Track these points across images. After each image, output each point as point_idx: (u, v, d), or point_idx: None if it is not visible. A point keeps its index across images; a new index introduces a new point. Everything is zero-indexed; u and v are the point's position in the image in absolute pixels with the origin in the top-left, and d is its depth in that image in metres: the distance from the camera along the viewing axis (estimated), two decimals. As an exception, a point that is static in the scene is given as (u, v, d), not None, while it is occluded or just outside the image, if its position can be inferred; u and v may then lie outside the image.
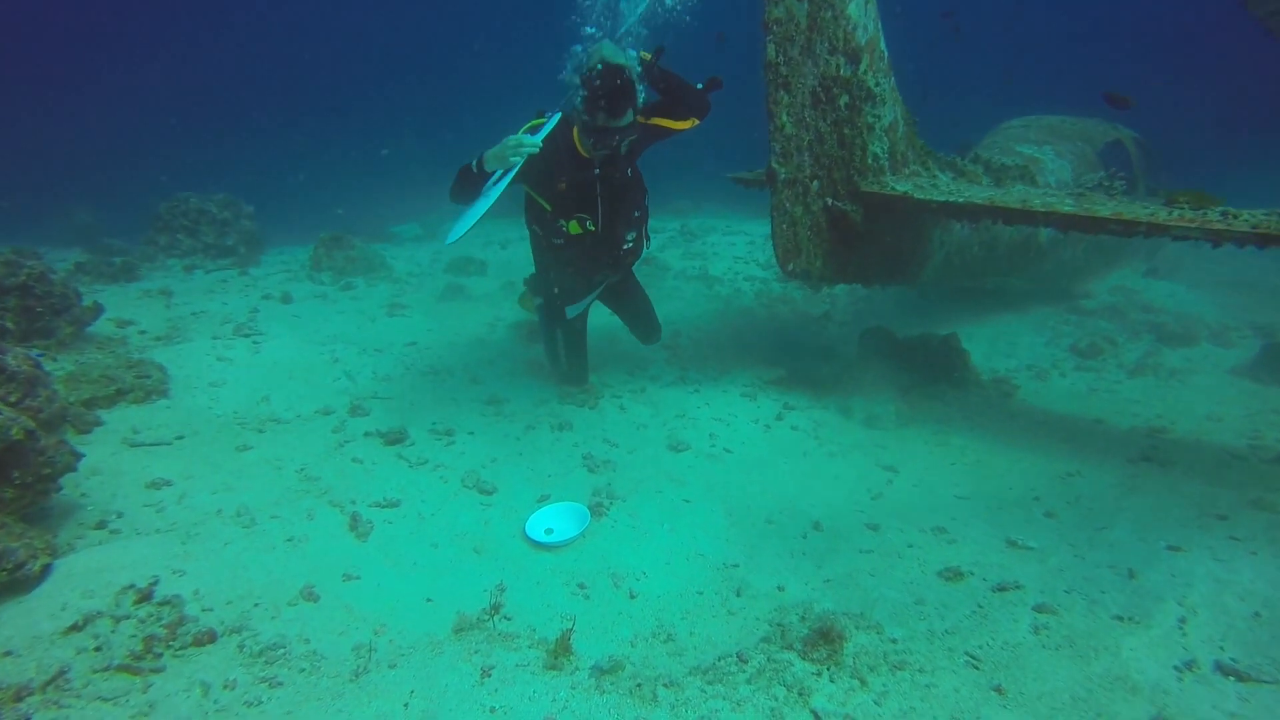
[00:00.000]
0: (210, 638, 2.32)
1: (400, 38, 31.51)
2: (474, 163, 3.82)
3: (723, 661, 2.48)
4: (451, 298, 7.18)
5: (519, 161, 3.65)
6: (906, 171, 5.18)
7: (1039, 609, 2.78)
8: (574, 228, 4.20)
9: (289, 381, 4.79)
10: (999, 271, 6.81)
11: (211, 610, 2.47)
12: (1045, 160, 7.20)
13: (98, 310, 5.09)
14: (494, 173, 3.78)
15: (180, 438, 3.85)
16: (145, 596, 2.38)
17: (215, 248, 8.61)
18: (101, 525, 2.92)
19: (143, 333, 5.44)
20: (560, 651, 2.46)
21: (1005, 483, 4.06)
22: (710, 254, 9.27)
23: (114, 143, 16.96)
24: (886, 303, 7.73)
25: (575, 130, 4.02)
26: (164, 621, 2.28)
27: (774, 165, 4.39)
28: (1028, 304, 7.76)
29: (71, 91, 22.29)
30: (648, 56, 4.03)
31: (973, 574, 3.09)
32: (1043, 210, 4.19)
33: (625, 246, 4.40)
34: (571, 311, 4.74)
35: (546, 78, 4.12)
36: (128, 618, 2.28)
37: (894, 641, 2.58)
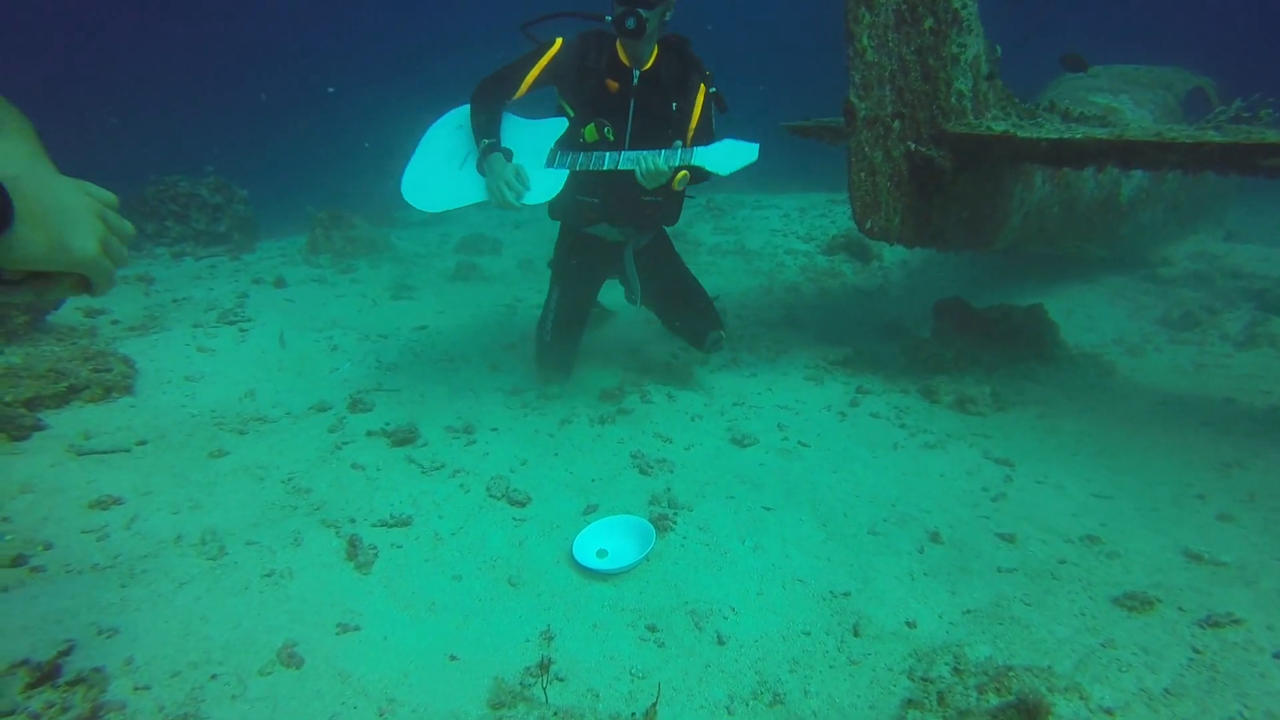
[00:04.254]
0: (139, 738, 1.60)
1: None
2: (479, 131, 3.41)
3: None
4: (464, 278, 6.45)
5: (494, 204, 3.28)
6: (989, 116, 4.43)
7: (1283, 655, 2.05)
8: (590, 133, 3.47)
9: (279, 373, 4.09)
10: (1076, 235, 6.06)
11: (147, 689, 1.75)
12: (1124, 110, 6.40)
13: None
14: (482, 143, 3.35)
15: (142, 443, 3.15)
16: (46, 676, 1.66)
17: (207, 234, 7.88)
18: (19, 562, 2.22)
19: (115, 322, 4.73)
20: (642, 735, 1.75)
21: (1148, 476, 3.32)
22: (744, 228, 8.50)
23: (107, 129, 16.25)
24: (943, 275, 6.96)
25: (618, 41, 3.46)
26: (70, 717, 1.57)
27: (853, 100, 3.64)
28: (1097, 273, 6.95)
29: (61, 66, 21.56)
30: None
31: (1161, 600, 2.35)
32: (1188, 141, 3.42)
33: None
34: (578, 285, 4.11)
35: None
36: (10, 714, 1.57)
37: (1109, 714, 1.85)
